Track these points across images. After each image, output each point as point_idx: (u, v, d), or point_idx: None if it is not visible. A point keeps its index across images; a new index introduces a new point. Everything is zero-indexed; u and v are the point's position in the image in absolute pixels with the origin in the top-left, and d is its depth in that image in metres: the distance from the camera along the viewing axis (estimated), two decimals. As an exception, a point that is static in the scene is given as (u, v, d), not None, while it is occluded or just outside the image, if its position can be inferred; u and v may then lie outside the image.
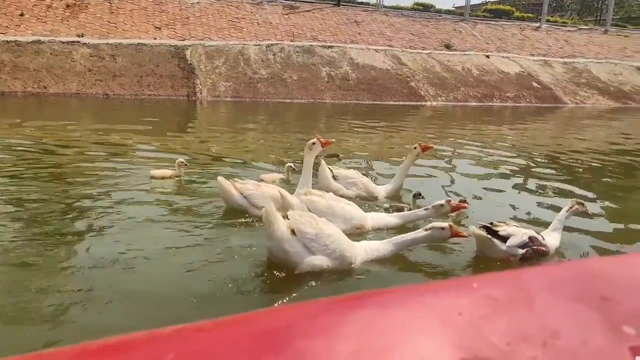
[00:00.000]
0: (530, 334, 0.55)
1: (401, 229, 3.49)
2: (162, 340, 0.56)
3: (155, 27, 13.74)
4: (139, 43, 12.85)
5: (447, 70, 15.56)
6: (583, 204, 3.40)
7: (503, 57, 17.48)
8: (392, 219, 3.61)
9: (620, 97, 17.21)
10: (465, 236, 3.07)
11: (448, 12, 22.40)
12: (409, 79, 14.42)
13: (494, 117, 12.48)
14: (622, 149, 8.13)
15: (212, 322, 0.58)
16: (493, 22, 20.74)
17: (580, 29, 22.52)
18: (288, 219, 2.80)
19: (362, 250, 2.93)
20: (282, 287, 2.66)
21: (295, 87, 12.78)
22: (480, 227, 3.09)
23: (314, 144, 3.88)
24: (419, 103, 13.67)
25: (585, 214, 3.42)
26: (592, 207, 3.84)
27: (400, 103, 13.42)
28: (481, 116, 12.45)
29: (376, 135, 8.30)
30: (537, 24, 21.62)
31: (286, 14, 16.22)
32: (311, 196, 3.45)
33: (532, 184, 5.44)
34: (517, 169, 6.17)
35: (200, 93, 11.88)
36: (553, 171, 6.08)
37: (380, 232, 3.51)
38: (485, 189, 4.95)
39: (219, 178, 3.67)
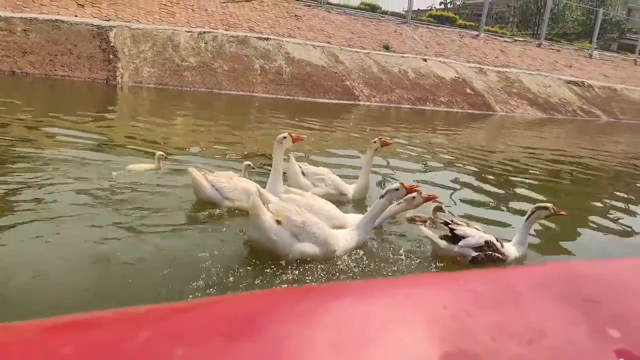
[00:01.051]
0: (516, 331, 0.54)
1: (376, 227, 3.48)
2: (136, 319, 0.54)
3: (78, 4, 12.81)
4: (56, 19, 11.91)
5: (383, 71, 15.57)
6: (547, 207, 3.36)
7: (440, 61, 17.76)
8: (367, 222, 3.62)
9: (547, 108, 17.94)
10: (419, 190, 3.21)
11: (394, 14, 22.55)
12: (344, 78, 14.29)
13: (430, 121, 12.56)
14: (555, 157, 8.35)
15: (188, 303, 0.61)
16: (434, 27, 21.08)
17: (516, 40, 23.34)
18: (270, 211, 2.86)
19: (342, 239, 3.02)
20: (261, 278, 2.58)
21: (225, 77, 12.30)
22: (441, 222, 3.25)
23: (284, 137, 3.76)
24: (353, 102, 13.57)
25: (551, 215, 3.40)
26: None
27: (334, 101, 13.26)
28: (416, 119, 12.53)
29: (312, 133, 8.00)
30: (477, 32, 22.20)
31: (224, 3, 15.65)
32: (291, 194, 3.43)
33: (481, 186, 5.59)
34: (467, 172, 6.33)
35: (121, 77, 11.16)
36: (502, 175, 6.24)
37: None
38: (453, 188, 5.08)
39: (190, 169, 3.57)
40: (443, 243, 3.12)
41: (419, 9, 30.13)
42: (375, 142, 4.30)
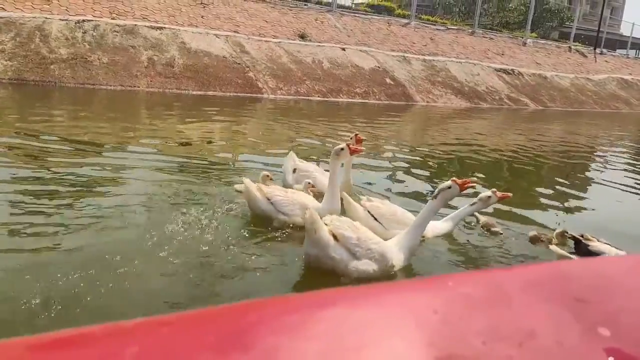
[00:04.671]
0: (506, 334, 0.54)
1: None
2: (125, 334, 0.54)
3: None
4: None
5: (294, 61, 14.56)
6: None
7: (361, 50, 16.89)
8: (446, 224, 3.55)
9: (473, 97, 17.37)
10: (472, 185, 3.05)
11: (325, 4, 21.49)
12: (247, 69, 13.19)
13: (342, 114, 11.67)
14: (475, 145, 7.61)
15: (177, 316, 0.56)
16: (362, 15, 20.21)
17: (448, 28, 22.77)
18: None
19: (396, 249, 2.92)
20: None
21: (102, 71, 10.99)
22: (569, 236, 3.21)
23: (342, 149, 3.62)
24: (255, 95, 12.49)
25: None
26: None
27: (232, 94, 12.15)
28: (331, 112, 11.65)
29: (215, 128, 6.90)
30: (407, 20, 21.49)
31: (119, -11, 14.24)
32: (374, 202, 3.40)
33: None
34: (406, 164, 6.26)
35: (-29, 73, 9.71)
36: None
37: (436, 238, 3.51)
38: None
39: (246, 180, 3.48)
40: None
41: (358, 2, 29.36)
42: (351, 138, 4.23)
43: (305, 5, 19.20)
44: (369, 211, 3.34)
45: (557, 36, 34.46)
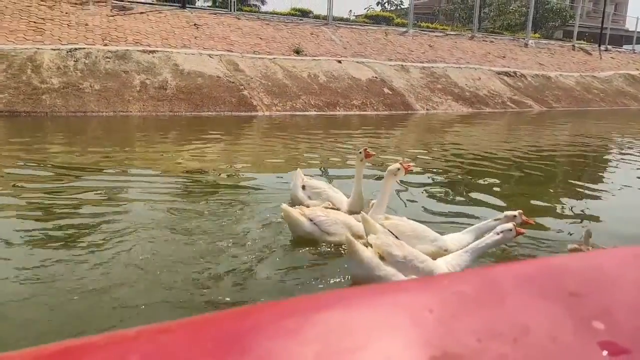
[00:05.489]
0: (501, 331, 0.54)
1: None
2: (124, 343, 0.55)
3: None
4: None
5: (290, 77, 14.44)
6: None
7: (357, 62, 16.73)
8: (466, 236, 3.52)
9: (474, 102, 17.06)
10: (524, 232, 3.15)
11: (316, 17, 21.47)
12: (242, 87, 13.09)
13: (344, 126, 11.52)
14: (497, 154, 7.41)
15: (176, 323, 0.57)
16: (358, 27, 20.12)
17: (447, 34, 22.57)
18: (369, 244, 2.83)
19: (444, 267, 2.93)
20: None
21: (93, 98, 10.95)
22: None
23: (398, 169, 3.69)
24: (250, 113, 12.36)
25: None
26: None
27: (226, 113, 12.03)
28: (329, 126, 11.53)
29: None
30: (405, 29, 21.34)
31: (112, 16, 14.34)
32: (392, 220, 3.39)
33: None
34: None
35: (-37, 107, 9.73)
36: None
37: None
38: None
39: (284, 206, 3.51)
40: None
41: (357, 14, 29.37)
42: (360, 152, 4.19)
43: (300, 20, 19.17)
44: (389, 230, 3.26)
45: (561, 35, 34.06)
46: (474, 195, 5.50)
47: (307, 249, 3.47)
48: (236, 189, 5.31)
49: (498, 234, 3.06)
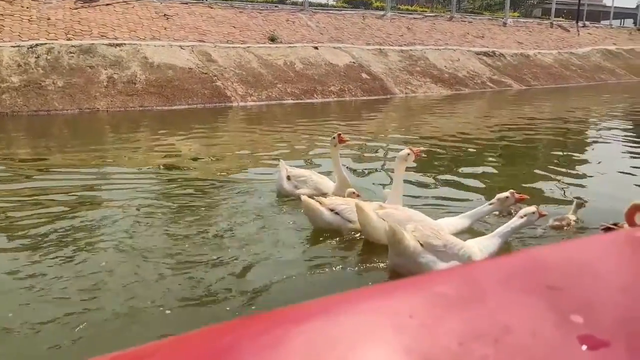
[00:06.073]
0: (482, 332, 0.54)
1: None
2: None
3: None
4: None
5: (265, 65, 14.05)
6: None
7: (335, 47, 16.38)
8: (462, 220, 3.56)
9: (454, 83, 16.86)
10: (545, 214, 3.25)
11: (294, 3, 20.97)
12: (215, 78, 12.69)
13: (322, 113, 11.27)
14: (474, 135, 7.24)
15: (153, 345, 0.55)
16: (335, 12, 19.70)
17: (426, 16, 22.26)
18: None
19: (478, 251, 3.01)
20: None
21: (57, 95, 10.49)
22: (602, 228, 3.12)
23: (408, 154, 3.72)
24: (224, 105, 12.00)
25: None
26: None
27: (200, 106, 11.65)
28: (307, 114, 11.28)
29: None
30: (383, 12, 20.98)
31: (76, 9, 13.75)
32: (387, 210, 3.35)
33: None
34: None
35: None
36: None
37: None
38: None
39: (303, 197, 3.54)
40: None
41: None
42: (334, 137, 4.29)
43: (276, 7, 18.69)
44: (383, 219, 3.23)
45: (539, 13, 33.91)
46: (459, 178, 5.41)
47: (320, 239, 3.47)
48: (218, 182, 5.11)
49: (522, 217, 3.15)
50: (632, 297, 0.63)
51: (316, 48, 15.91)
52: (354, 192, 3.99)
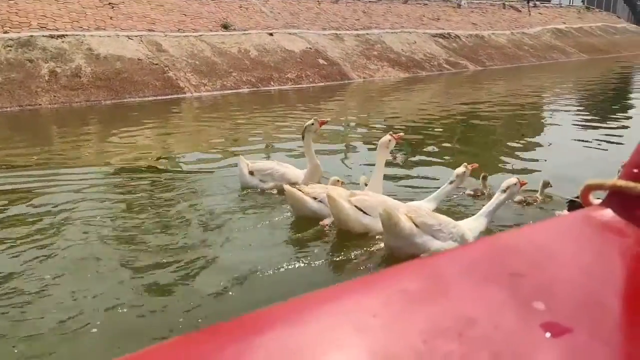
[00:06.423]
0: (446, 327, 0.52)
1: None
2: None
3: None
4: None
5: (219, 54, 13.65)
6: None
7: (290, 33, 16.09)
8: (429, 204, 3.57)
9: (411, 66, 16.91)
10: (526, 182, 3.38)
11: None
12: (167, 69, 12.23)
13: (281, 101, 11.05)
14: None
15: None
16: (289, -3, 19.33)
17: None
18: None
19: (468, 231, 3.10)
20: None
21: (-6, 92, 9.84)
22: (567, 202, 3.31)
23: (389, 140, 3.76)
24: (177, 96, 11.59)
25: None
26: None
27: (151, 98, 11.21)
28: (264, 102, 11.05)
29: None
30: (338, -3, 20.74)
31: (13, 0, 12.90)
32: (359, 196, 3.36)
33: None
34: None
35: None
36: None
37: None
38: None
39: (287, 187, 3.53)
40: None
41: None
42: (312, 124, 4.20)
43: (227, -8, 18.15)
44: (356, 206, 3.25)
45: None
46: (423, 160, 5.50)
47: (289, 234, 3.43)
48: (177, 177, 4.95)
49: (504, 191, 3.23)
50: (591, 279, 0.62)
51: (271, 34, 15.58)
52: (338, 180, 3.96)
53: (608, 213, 0.71)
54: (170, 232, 3.41)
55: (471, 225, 3.18)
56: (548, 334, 0.51)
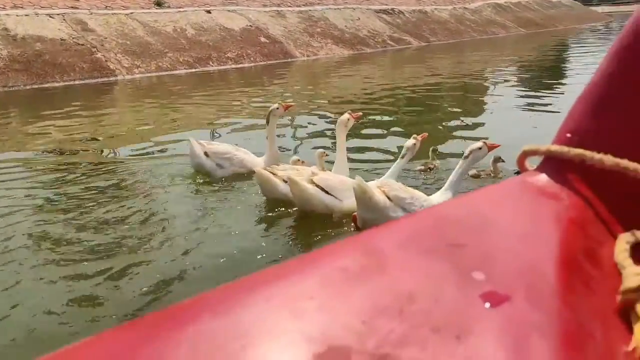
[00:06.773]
0: (386, 305, 0.51)
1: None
2: None
3: None
4: None
5: (152, 33, 12.86)
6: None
7: (229, 10, 15.41)
8: (389, 180, 3.42)
9: (355, 43, 16.69)
10: (499, 145, 3.34)
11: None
12: (94, 50, 11.38)
13: (222, 82, 10.54)
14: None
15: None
16: (227, -28, 18.50)
17: (323, -26, 21.69)
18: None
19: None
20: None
21: None
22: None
23: (348, 119, 3.74)
24: (108, 79, 10.84)
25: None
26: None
27: (78, 82, 10.41)
28: (204, 84, 10.48)
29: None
30: (278, -28, 20.07)
31: None
32: (321, 175, 3.33)
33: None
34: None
35: None
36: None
37: None
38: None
39: (257, 169, 3.46)
40: None
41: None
42: (277, 108, 4.08)
43: (159, -33, 17.13)
44: (317, 185, 3.22)
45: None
46: (372, 137, 5.37)
47: (245, 217, 3.30)
48: (113, 164, 4.54)
49: (467, 156, 3.16)
50: (527, 245, 0.61)
51: (209, 12, 14.86)
52: (298, 160, 3.93)
53: (543, 178, 0.72)
54: (105, 227, 3.06)
55: (440, 199, 3.21)
56: (487, 304, 0.51)
